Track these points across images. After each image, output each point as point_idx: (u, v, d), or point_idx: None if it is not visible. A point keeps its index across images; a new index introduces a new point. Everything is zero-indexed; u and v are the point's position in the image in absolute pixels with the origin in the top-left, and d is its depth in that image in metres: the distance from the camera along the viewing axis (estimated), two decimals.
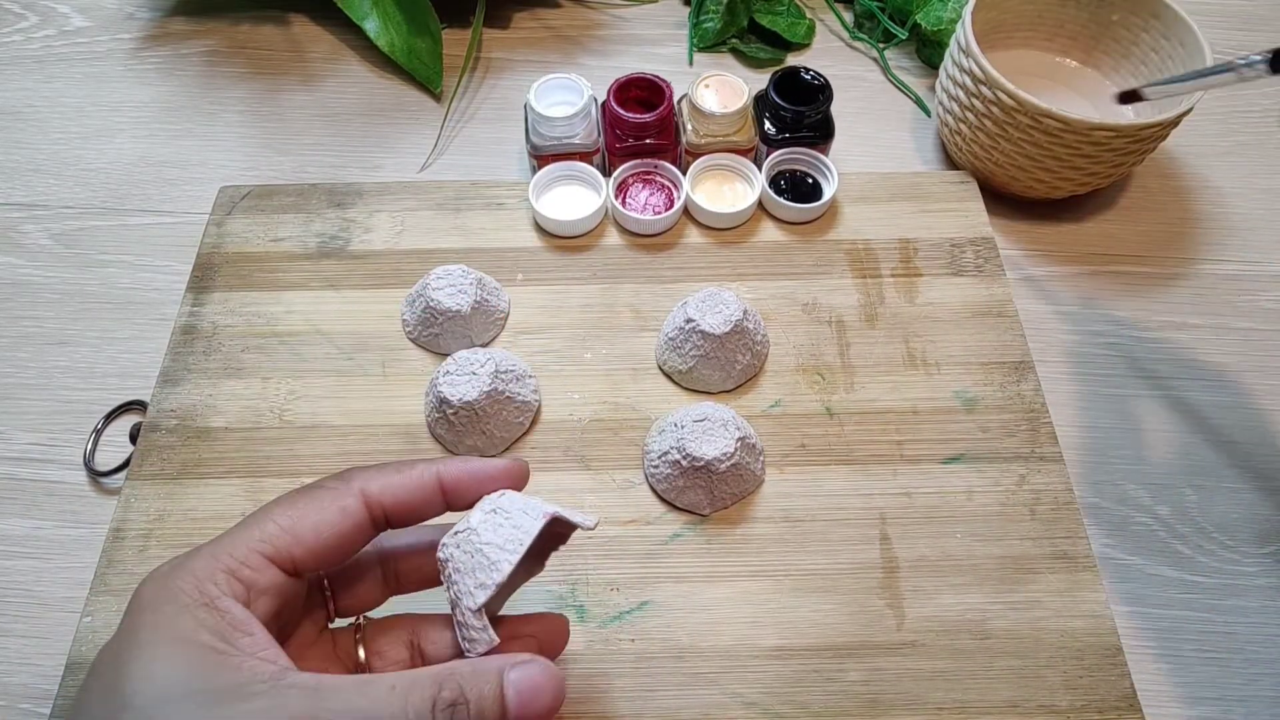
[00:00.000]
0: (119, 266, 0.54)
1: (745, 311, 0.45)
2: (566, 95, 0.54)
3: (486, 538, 0.29)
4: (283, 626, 0.30)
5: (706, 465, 0.41)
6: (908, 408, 0.46)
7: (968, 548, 0.42)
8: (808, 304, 0.50)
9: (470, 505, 0.31)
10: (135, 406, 0.48)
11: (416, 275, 0.49)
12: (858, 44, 0.66)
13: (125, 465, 0.45)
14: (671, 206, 0.52)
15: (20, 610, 0.43)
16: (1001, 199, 0.57)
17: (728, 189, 0.53)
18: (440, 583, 0.31)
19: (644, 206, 0.53)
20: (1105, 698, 0.39)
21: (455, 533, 0.30)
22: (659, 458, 0.43)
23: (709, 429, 0.42)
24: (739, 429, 0.42)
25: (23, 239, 0.55)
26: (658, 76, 0.53)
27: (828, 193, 0.52)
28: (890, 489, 0.44)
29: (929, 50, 0.64)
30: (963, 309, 0.50)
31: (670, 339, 0.46)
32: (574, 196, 0.53)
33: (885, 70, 0.65)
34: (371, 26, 0.62)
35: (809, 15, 0.66)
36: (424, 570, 0.33)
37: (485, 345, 0.48)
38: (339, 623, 0.33)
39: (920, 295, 0.50)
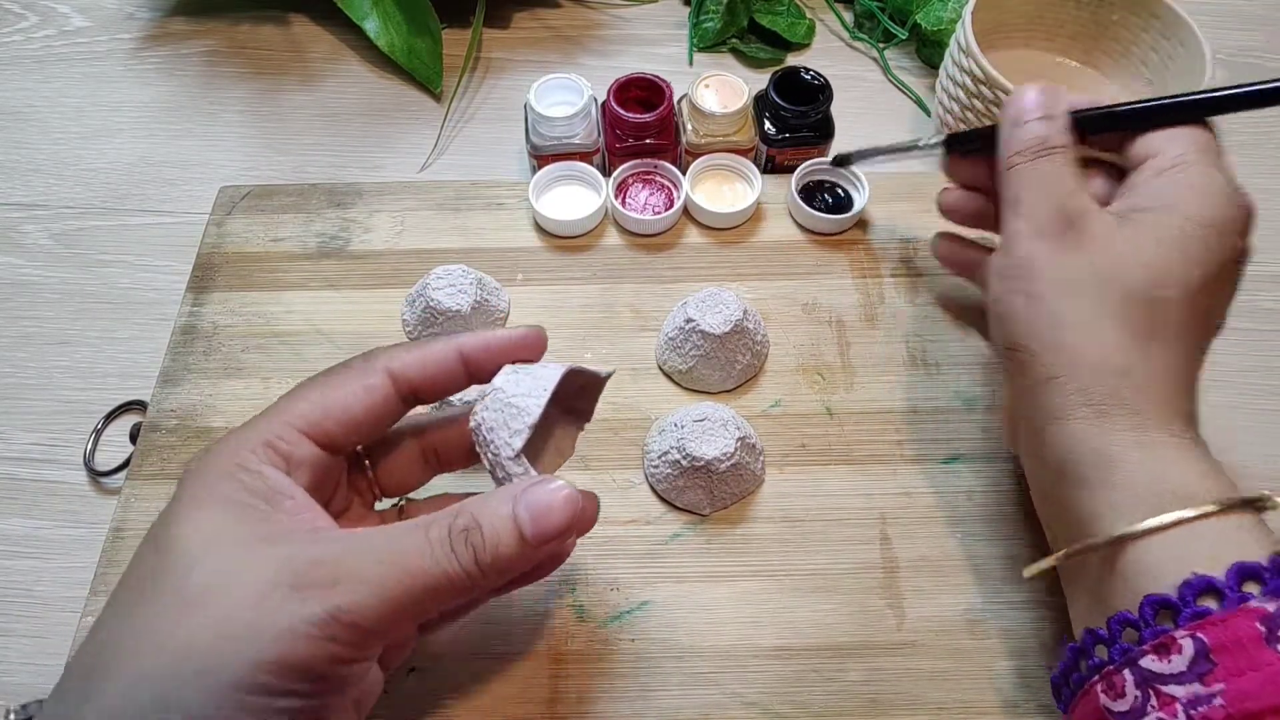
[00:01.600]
0: (119, 266, 0.54)
1: (745, 311, 0.45)
2: (566, 95, 0.54)
3: (512, 391, 0.31)
4: (327, 505, 0.31)
5: (706, 465, 0.41)
6: (908, 408, 0.46)
7: (968, 548, 0.42)
8: (808, 304, 0.50)
9: (491, 376, 0.32)
10: (135, 406, 0.48)
11: (416, 275, 0.49)
12: (858, 44, 0.66)
13: (125, 465, 0.45)
14: (671, 206, 0.52)
15: (21, 610, 0.43)
16: None
17: (727, 189, 0.53)
18: (477, 458, 0.32)
19: (644, 206, 0.53)
20: None
21: (482, 397, 0.31)
22: (659, 458, 0.43)
23: (709, 429, 0.42)
24: (739, 429, 0.42)
25: (23, 239, 0.55)
26: (658, 76, 0.53)
27: (859, 203, 0.52)
28: (890, 489, 0.44)
29: (929, 50, 0.64)
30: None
31: (670, 339, 0.46)
32: (574, 196, 0.53)
33: (885, 70, 0.65)
34: (371, 26, 0.62)
35: (809, 15, 0.66)
36: (461, 445, 0.34)
37: None
38: (385, 504, 0.35)
39: (920, 295, 0.50)
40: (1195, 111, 0.36)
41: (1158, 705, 0.28)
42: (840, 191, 0.53)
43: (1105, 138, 0.38)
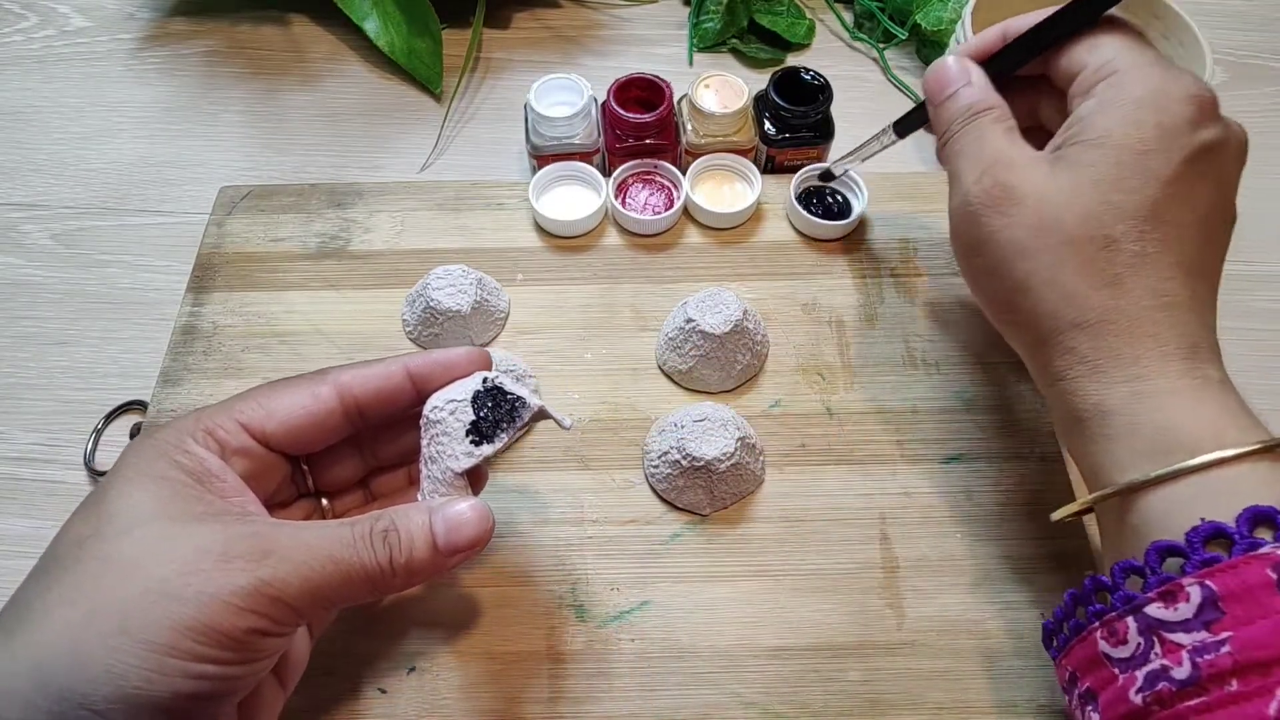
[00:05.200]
0: (119, 266, 0.54)
1: (745, 311, 0.45)
2: (566, 95, 0.54)
3: (480, 414, 0.32)
4: (268, 499, 0.33)
5: (706, 465, 0.41)
6: (907, 408, 0.46)
7: (968, 548, 0.42)
8: (808, 304, 0.50)
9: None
10: (135, 406, 0.48)
11: (416, 275, 0.49)
12: (858, 44, 0.66)
13: None
14: (671, 206, 0.52)
15: None
16: None
17: (727, 189, 0.53)
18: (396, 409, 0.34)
19: (644, 206, 0.53)
20: None
21: (450, 399, 0.32)
22: (659, 458, 0.43)
23: (709, 429, 0.42)
24: (739, 429, 0.42)
25: (23, 239, 0.55)
26: (657, 76, 0.53)
27: (857, 209, 0.52)
28: (890, 489, 0.44)
29: (929, 50, 0.64)
30: (962, 309, 0.50)
31: (670, 339, 0.46)
32: (574, 196, 0.53)
33: (885, 70, 0.65)
34: (371, 27, 0.62)
35: (809, 15, 0.66)
36: (381, 395, 0.34)
37: (485, 345, 0.48)
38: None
39: (920, 295, 0.50)
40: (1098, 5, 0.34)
41: (1162, 652, 0.27)
42: (839, 197, 0.53)
43: (1035, 64, 0.37)
